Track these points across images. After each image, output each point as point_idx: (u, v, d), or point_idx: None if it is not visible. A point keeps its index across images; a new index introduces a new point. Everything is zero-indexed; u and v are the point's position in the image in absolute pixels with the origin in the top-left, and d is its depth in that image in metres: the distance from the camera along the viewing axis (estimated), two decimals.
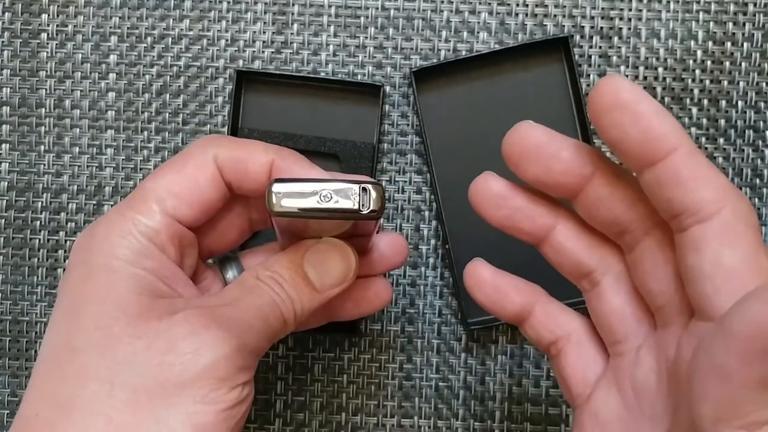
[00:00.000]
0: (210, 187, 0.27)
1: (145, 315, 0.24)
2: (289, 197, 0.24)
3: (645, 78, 0.38)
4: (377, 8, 0.39)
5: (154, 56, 0.39)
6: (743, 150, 0.38)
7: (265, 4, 0.39)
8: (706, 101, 0.38)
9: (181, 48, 0.39)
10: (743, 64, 0.38)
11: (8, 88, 0.39)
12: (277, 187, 0.24)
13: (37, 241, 0.39)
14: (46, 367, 0.25)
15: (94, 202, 0.39)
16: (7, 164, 0.39)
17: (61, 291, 0.26)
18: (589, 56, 0.38)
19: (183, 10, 0.39)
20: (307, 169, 0.28)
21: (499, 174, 0.26)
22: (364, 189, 0.24)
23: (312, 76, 0.38)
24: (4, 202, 0.39)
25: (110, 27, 0.39)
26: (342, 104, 0.38)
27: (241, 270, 0.30)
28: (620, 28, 0.38)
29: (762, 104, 0.38)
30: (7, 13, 0.39)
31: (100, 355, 0.24)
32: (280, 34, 0.39)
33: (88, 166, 0.39)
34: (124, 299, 0.25)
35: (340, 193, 0.24)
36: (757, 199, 0.38)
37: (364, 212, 0.24)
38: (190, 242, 0.28)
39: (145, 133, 0.39)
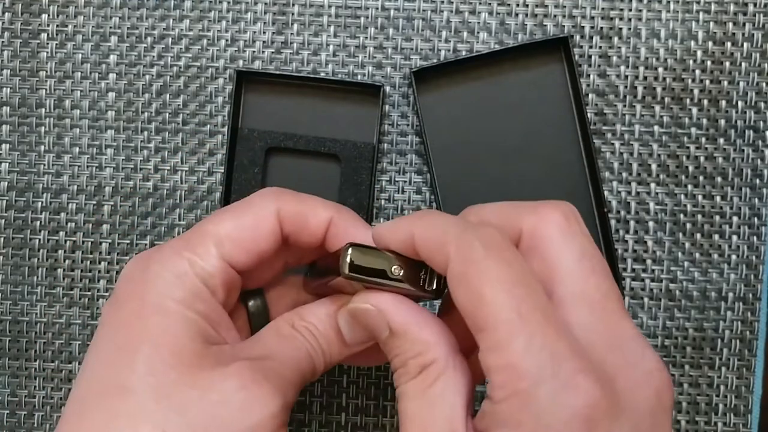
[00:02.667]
0: (269, 238, 0.28)
1: (197, 364, 0.25)
2: (362, 265, 0.24)
3: (645, 78, 0.38)
4: (377, 8, 0.39)
5: (154, 56, 0.39)
6: (743, 150, 0.38)
7: (265, 4, 0.39)
8: (706, 101, 0.38)
9: (181, 48, 0.39)
10: (743, 64, 0.38)
11: (8, 88, 0.39)
12: (353, 253, 0.24)
13: (37, 241, 0.39)
14: (96, 402, 0.25)
15: (94, 202, 0.39)
16: (7, 164, 0.39)
17: (111, 322, 0.26)
18: (589, 56, 0.38)
19: (183, 10, 0.39)
20: (362, 229, 0.28)
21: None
22: (432, 270, 0.25)
23: (312, 76, 0.38)
24: (4, 202, 0.39)
25: (110, 27, 0.39)
26: (342, 104, 0.38)
27: (263, 300, 0.31)
28: (620, 28, 0.38)
29: (762, 104, 0.38)
30: (7, 13, 0.39)
31: (155, 400, 0.24)
32: (280, 34, 0.39)
33: (88, 166, 0.39)
34: (178, 345, 0.25)
35: (410, 270, 0.25)
36: (757, 200, 0.38)
37: (426, 290, 0.25)
38: (236, 285, 0.28)
39: (145, 133, 0.39)
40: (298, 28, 0.39)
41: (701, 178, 0.38)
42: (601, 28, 0.38)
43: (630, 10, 0.38)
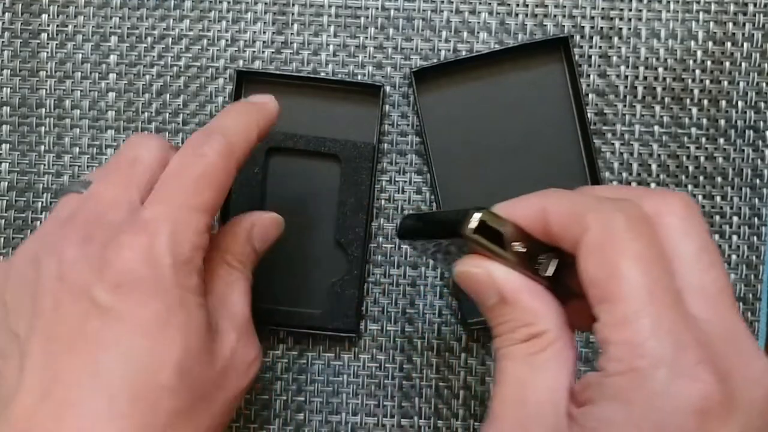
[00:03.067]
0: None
1: (209, 347, 0.27)
2: (487, 230, 0.23)
3: (645, 78, 0.38)
4: (377, 8, 0.39)
5: (154, 56, 0.39)
6: (743, 150, 0.38)
7: (265, 4, 0.39)
8: (706, 101, 0.38)
9: (181, 48, 0.39)
10: (743, 64, 0.38)
11: (8, 88, 0.39)
12: (483, 216, 0.23)
13: None
14: (135, 401, 0.25)
15: None
16: (7, 164, 0.39)
17: (131, 319, 0.25)
18: (589, 56, 0.38)
19: (183, 10, 0.39)
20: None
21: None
22: (552, 257, 0.24)
23: (312, 76, 0.38)
24: (4, 202, 0.39)
25: (110, 27, 0.39)
26: (342, 104, 0.38)
27: None
28: (620, 28, 0.38)
29: (762, 104, 0.38)
30: (7, 13, 0.39)
31: (194, 394, 0.26)
32: (280, 34, 0.39)
33: (88, 167, 0.39)
34: (201, 336, 0.27)
35: (530, 250, 0.24)
36: (757, 200, 0.38)
37: (540, 275, 0.24)
38: None
39: (146, 133, 0.39)
40: (298, 28, 0.39)
41: (701, 178, 0.38)
42: (601, 28, 0.38)
43: (630, 10, 0.38)
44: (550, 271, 0.24)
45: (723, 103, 0.38)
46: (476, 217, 0.23)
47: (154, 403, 0.25)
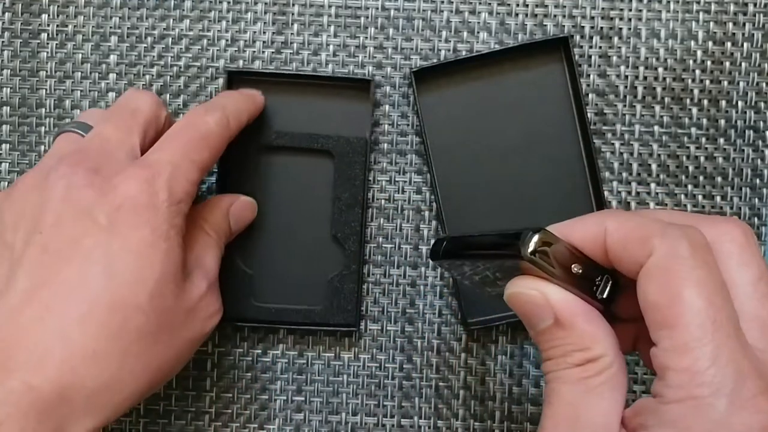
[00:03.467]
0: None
1: (185, 287, 0.30)
2: (545, 252, 0.23)
3: (645, 78, 0.38)
4: (377, 8, 0.39)
5: (154, 56, 0.39)
6: (743, 150, 0.38)
7: (265, 4, 0.39)
8: (706, 101, 0.38)
9: (181, 48, 0.39)
10: (743, 64, 0.38)
11: (8, 88, 0.39)
12: (541, 237, 0.23)
13: None
14: (109, 315, 0.28)
15: None
16: (7, 164, 0.39)
17: (119, 240, 0.28)
18: (589, 56, 0.38)
19: (183, 10, 0.39)
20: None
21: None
22: (607, 279, 0.24)
23: (300, 73, 0.38)
24: None
25: (110, 27, 0.39)
26: (333, 100, 0.38)
27: None
28: (620, 28, 0.38)
29: (762, 104, 0.38)
30: (7, 13, 0.39)
31: (160, 321, 0.29)
32: (280, 35, 0.39)
33: None
34: (175, 272, 0.29)
35: (587, 272, 0.24)
36: (757, 200, 0.38)
37: (596, 297, 0.24)
38: None
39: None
40: (298, 28, 0.39)
41: (701, 178, 0.38)
42: (601, 28, 0.38)
43: (630, 10, 0.38)
44: (605, 293, 0.24)
45: (723, 103, 0.38)
46: (535, 238, 0.23)
47: (127, 318, 0.28)
